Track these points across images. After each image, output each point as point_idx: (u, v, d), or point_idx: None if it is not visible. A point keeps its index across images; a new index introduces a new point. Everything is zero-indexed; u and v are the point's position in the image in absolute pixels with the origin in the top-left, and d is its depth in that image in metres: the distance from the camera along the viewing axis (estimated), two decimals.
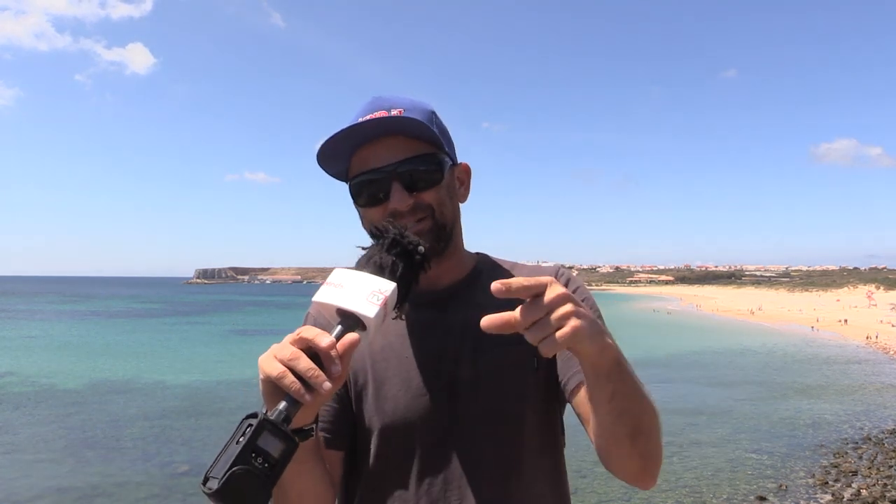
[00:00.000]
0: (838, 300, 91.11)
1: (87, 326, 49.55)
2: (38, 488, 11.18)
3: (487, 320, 0.84)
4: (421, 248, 0.96)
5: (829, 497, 10.97)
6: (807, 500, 10.94)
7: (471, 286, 1.24)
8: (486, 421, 1.14)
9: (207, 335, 42.79)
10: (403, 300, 0.94)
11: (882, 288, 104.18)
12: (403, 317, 1.08)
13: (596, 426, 1.01)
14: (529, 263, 1.35)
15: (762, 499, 10.81)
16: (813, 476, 12.06)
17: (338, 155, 1.16)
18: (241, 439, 0.77)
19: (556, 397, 1.21)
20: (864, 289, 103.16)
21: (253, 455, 0.76)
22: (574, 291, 1.21)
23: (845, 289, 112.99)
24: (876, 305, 75.31)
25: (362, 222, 1.18)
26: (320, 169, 1.19)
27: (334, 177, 1.21)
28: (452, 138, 1.26)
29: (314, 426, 0.92)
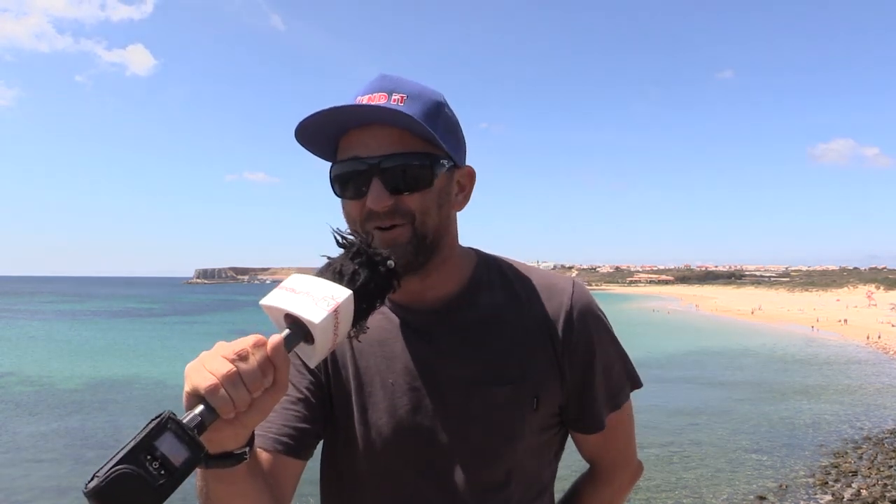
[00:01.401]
0: (838, 300, 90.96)
1: (87, 326, 49.52)
2: (38, 488, 11.17)
3: None
4: (389, 263, 0.85)
5: (829, 497, 10.96)
6: (807, 500, 10.93)
7: (467, 299, 1.10)
8: (475, 455, 1.06)
9: (207, 335, 42.73)
10: (364, 317, 0.84)
11: (882, 288, 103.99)
12: (360, 340, 0.94)
13: None
14: (538, 267, 1.20)
15: (762, 498, 10.80)
16: (813, 476, 12.04)
17: (326, 135, 1.02)
18: (138, 437, 0.66)
19: (556, 432, 1.15)
20: (864, 289, 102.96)
21: (148, 457, 0.65)
22: (592, 323, 1.13)
23: (845, 289, 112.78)
24: (876, 305, 75.20)
25: (343, 212, 1.05)
26: (320, 169, 1.06)
27: (318, 156, 1.06)
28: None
29: (247, 450, 0.82)
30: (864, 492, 11.08)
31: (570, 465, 1.28)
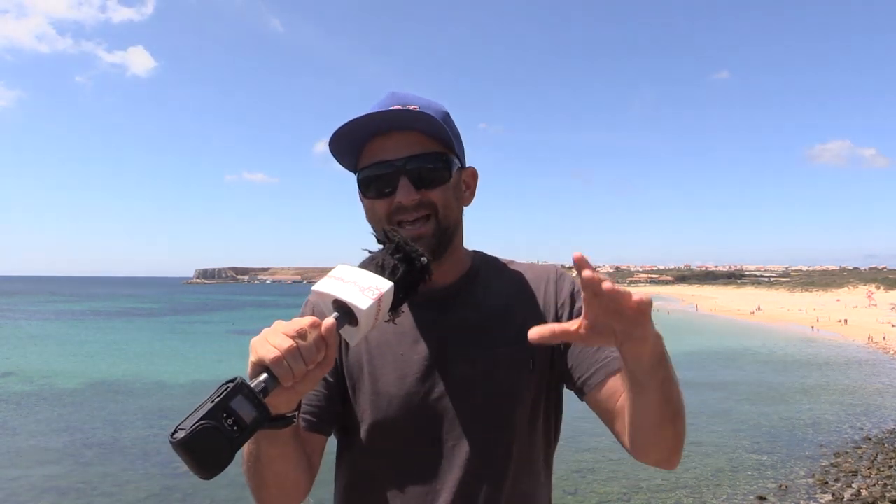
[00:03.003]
0: (838, 300, 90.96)
1: (87, 326, 49.54)
2: (38, 488, 11.17)
3: (536, 332, 0.86)
4: (424, 259, 0.98)
5: (829, 497, 10.97)
6: (807, 500, 10.94)
7: (469, 285, 1.25)
8: (478, 419, 1.16)
9: (207, 335, 42.78)
10: (399, 304, 0.96)
11: (882, 288, 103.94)
12: (396, 322, 1.08)
13: (639, 414, 1.02)
14: (525, 262, 1.36)
15: (762, 499, 10.81)
16: (813, 476, 12.05)
17: (350, 144, 1.17)
18: (215, 398, 0.80)
19: (550, 397, 1.24)
20: (864, 289, 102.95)
21: (224, 415, 0.79)
22: (575, 293, 1.25)
23: (845, 289, 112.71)
24: (876, 305, 75.18)
25: (366, 213, 1.20)
26: (319, 169, 1.19)
27: (343, 165, 1.21)
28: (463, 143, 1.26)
29: (296, 414, 0.95)
30: (864, 492, 11.08)
31: (574, 460, 1.28)
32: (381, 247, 0.99)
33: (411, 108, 1.14)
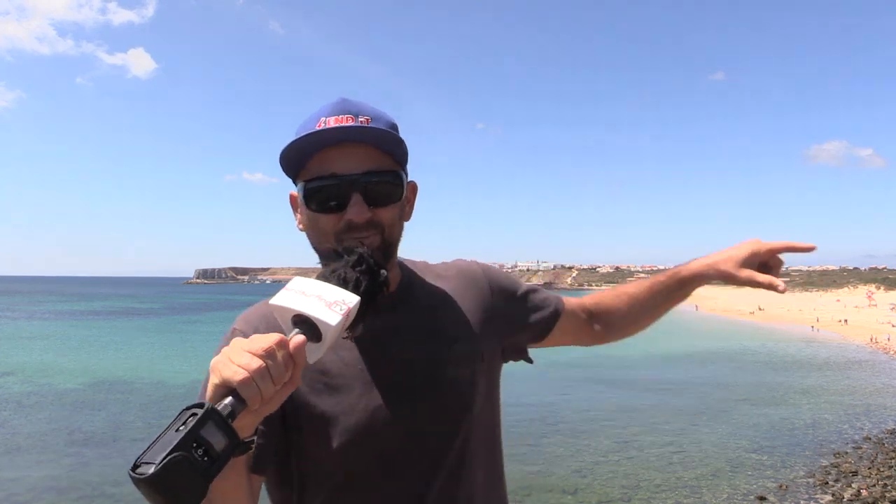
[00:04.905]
0: (838, 300, 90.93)
1: (87, 326, 49.55)
2: (38, 488, 11.19)
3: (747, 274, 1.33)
4: (384, 272, 0.96)
5: (829, 497, 10.98)
6: (807, 500, 10.94)
7: (408, 290, 1.24)
8: (445, 419, 1.17)
9: (207, 335, 42.76)
10: (361, 320, 0.92)
11: (882, 288, 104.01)
12: (353, 339, 1.05)
13: (649, 316, 1.49)
14: (436, 262, 1.37)
15: (762, 499, 10.81)
16: (813, 476, 12.06)
17: (299, 153, 1.10)
18: (181, 427, 0.73)
19: (497, 385, 1.31)
20: (864, 289, 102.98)
21: (194, 445, 0.72)
22: (503, 273, 1.39)
23: (845, 289, 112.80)
24: (876, 305, 75.19)
25: (306, 225, 1.14)
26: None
27: (288, 175, 1.15)
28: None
29: (254, 439, 0.88)
30: (864, 492, 11.09)
31: (574, 460, 1.28)
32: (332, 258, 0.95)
33: (363, 119, 1.09)
